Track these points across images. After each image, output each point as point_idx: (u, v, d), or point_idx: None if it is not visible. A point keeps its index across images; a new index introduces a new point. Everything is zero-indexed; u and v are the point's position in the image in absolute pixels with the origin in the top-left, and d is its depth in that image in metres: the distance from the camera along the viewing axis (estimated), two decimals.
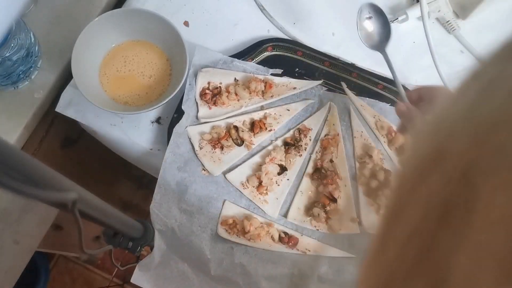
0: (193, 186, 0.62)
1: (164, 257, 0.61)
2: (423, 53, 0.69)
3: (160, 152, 0.65)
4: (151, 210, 0.61)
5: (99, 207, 0.39)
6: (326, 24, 0.73)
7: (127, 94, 0.65)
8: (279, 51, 0.69)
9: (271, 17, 0.72)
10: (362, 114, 0.68)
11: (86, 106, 0.65)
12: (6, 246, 0.73)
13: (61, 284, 1.46)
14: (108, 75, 0.65)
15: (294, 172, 0.64)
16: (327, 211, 0.61)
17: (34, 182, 0.27)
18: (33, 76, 0.64)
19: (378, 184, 0.64)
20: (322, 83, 0.69)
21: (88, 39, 0.61)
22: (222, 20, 0.71)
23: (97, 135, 0.68)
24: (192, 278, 0.61)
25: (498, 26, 0.75)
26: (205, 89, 0.65)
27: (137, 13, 0.64)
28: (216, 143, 0.63)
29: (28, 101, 0.64)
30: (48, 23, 0.67)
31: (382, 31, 0.64)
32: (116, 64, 0.66)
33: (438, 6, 0.71)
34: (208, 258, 0.60)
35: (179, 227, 0.61)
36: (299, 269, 0.60)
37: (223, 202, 0.63)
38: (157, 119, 0.66)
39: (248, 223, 0.60)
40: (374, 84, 0.69)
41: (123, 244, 0.53)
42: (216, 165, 0.63)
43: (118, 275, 1.47)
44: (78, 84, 0.59)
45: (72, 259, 1.48)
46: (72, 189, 0.31)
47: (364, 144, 0.67)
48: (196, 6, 0.72)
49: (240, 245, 0.61)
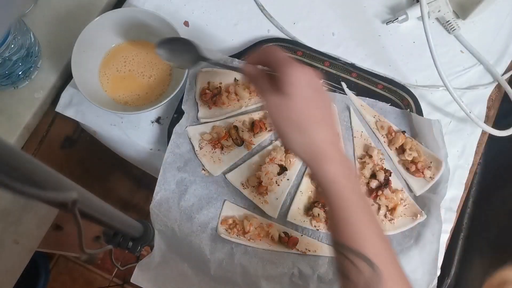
0: (193, 186, 0.62)
1: (164, 257, 0.61)
2: (423, 53, 0.69)
3: (160, 152, 0.65)
4: (151, 210, 0.61)
5: (99, 207, 0.39)
6: (326, 24, 0.73)
7: (127, 94, 0.65)
8: None
9: (271, 17, 0.72)
10: (362, 114, 0.68)
11: (86, 106, 0.65)
12: (6, 246, 0.73)
13: (61, 284, 1.46)
14: (108, 75, 0.65)
15: (294, 172, 0.64)
16: (327, 211, 0.61)
17: (34, 182, 0.27)
18: (33, 76, 0.64)
19: (378, 184, 0.64)
20: (322, 83, 0.69)
21: (88, 39, 0.61)
22: (222, 20, 0.71)
23: (97, 135, 0.68)
24: (192, 278, 0.61)
25: (498, 26, 0.75)
26: (205, 89, 0.65)
27: (137, 13, 0.64)
28: (216, 143, 0.63)
29: (28, 101, 0.64)
30: (48, 23, 0.67)
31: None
32: (116, 64, 0.66)
33: (438, 6, 0.71)
34: (208, 258, 0.60)
35: (179, 227, 0.61)
36: (299, 269, 0.60)
37: (223, 202, 0.63)
38: (157, 119, 0.66)
39: (248, 223, 0.60)
40: (374, 84, 0.69)
41: (123, 244, 0.53)
42: (216, 165, 0.63)
43: (118, 275, 1.47)
44: (78, 84, 0.59)
45: (72, 259, 1.48)
46: (72, 189, 0.31)
47: (364, 144, 0.67)
48: (196, 6, 0.72)
49: (240, 245, 0.61)
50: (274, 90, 0.45)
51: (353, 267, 0.42)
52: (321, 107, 0.45)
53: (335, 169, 0.44)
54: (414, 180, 0.65)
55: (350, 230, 0.43)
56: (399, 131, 0.66)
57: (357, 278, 0.41)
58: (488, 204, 0.77)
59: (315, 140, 0.44)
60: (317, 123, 0.44)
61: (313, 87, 0.45)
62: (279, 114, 0.44)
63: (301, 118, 0.44)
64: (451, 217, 0.67)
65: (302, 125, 0.44)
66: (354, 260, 0.42)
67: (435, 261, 0.62)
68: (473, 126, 0.69)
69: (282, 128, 0.45)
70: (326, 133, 0.45)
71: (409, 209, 0.63)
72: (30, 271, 1.23)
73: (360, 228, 0.43)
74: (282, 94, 0.44)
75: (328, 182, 0.44)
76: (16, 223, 0.72)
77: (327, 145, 0.44)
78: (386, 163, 0.66)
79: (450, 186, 0.65)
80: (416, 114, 0.67)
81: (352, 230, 0.43)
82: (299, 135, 0.44)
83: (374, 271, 0.41)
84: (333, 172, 0.44)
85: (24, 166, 0.27)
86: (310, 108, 0.44)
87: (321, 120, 0.45)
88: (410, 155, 0.64)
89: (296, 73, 0.44)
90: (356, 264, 0.42)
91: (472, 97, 0.71)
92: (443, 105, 0.71)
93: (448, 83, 0.64)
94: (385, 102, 0.68)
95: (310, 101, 0.44)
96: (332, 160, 0.44)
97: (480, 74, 0.73)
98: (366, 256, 0.41)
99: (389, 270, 0.43)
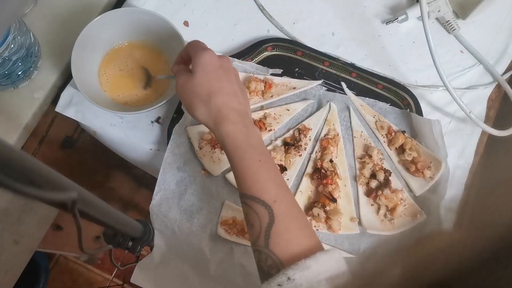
0: (193, 186, 0.63)
1: (164, 257, 0.61)
2: (423, 53, 0.69)
3: (160, 152, 0.65)
4: (151, 210, 0.61)
5: (99, 207, 0.39)
6: (326, 24, 0.73)
7: (127, 94, 0.65)
8: (279, 51, 0.69)
9: (271, 17, 0.72)
10: (362, 114, 0.68)
11: (86, 106, 0.65)
12: (6, 246, 0.73)
13: (61, 284, 1.46)
14: (107, 75, 0.65)
15: (293, 172, 0.64)
16: (327, 211, 0.61)
17: (34, 182, 0.27)
18: (33, 76, 0.64)
19: (378, 184, 0.64)
20: (322, 83, 0.69)
21: (88, 39, 0.61)
22: (222, 20, 0.71)
23: (97, 135, 0.68)
24: (192, 278, 0.61)
25: (498, 26, 0.75)
26: None
27: (137, 13, 0.64)
28: (216, 143, 0.63)
29: (28, 101, 0.64)
30: (48, 23, 0.67)
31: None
32: (116, 64, 0.66)
33: (438, 6, 0.71)
34: (208, 258, 0.60)
35: (179, 227, 0.61)
36: None
37: (222, 202, 0.63)
38: (157, 119, 0.66)
39: None
40: (374, 84, 0.69)
41: (123, 244, 0.53)
42: (216, 165, 0.63)
43: (118, 275, 1.47)
44: (78, 84, 0.59)
45: (72, 259, 1.48)
46: (72, 189, 0.31)
47: (364, 144, 0.67)
48: (196, 6, 0.72)
49: (240, 245, 0.61)
50: (185, 71, 0.53)
51: (254, 213, 0.46)
52: (222, 80, 0.51)
53: (232, 126, 0.49)
54: (414, 180, 0.65)
55: (250, 180, 0.47)
56: (399, 131, 0.66)
57: (258, 223, 0.46)
58: (488, 204, 0.77)
59: (215, 107, 0.50)
60: (217, 93, 0.50)
61: (216, 65, 0.51)
62: (185, 89, 0.51)
63: (203, 90, 0.50)
64: (451, 217, 0.67)
65: (204, 96, 0.50)
66: (254, 206, 0.46)
67: None
68: (473, 126, 0.69)
69: (188, 101, 0.51)
70: (229, 101, 0.50)
71: (409, 209, 0.63)
72: (30, 271, 1.23)
73: (258, 177, 0.47)
74: (190, 73, 0.51)
75: (224, 138, 0.49)
76: (16, 223, 0.72)
77: (226, 110, 0.50)
78: (386, 163, 0.66)
79: (450, 186, 0.65)
80: (416, 114, 0.67)
81: (251, 179, 0.47)
82: (202, 105, 0.50)
83: (270, 214, 0.45)
84: (229, 129, 0.49)
85: (24, 166, 0.26)
86: (212, 81, 0.50)
87: (224, 91, 0.51)
88: (410, 155, 0.64)
89: (201, 55, 0.51)
90: (256, 210, 0.46)
91: (472, 97, 0.71)
92: (443, 105, 0.71)
93: (448, 83, 0.64)
94: (385, 102, 0.68)
95: (211, 76, 0.50)
96: (229, 120, 0.49)
97: (480, 74, 0.73)
98: (265, 201, 0.46)
99: (285, 209, 0.47)
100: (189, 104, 0.51)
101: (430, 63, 0.65)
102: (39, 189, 0.27)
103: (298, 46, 0.69)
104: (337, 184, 0.63)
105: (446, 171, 0.63)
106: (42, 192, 0.27)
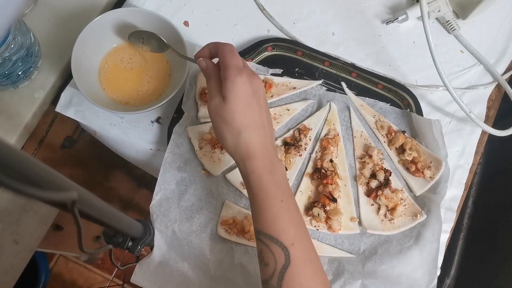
0: (193, 186, 0.62)
1: (164, 257, 0.61)
2: (423, 53, 0.69)
3: (160, 152, 0.65)
4: (151, 210, 0.61)
5: (99, 207, 0.39)
6: (326, 24, 0.73)
7: (127, 94, 0.65)
8: (279, 51, 0.69)
9: (271, 17, 0.72)
10: (362, 114, 0.68)
11: (86, 106, 0.65)
12: (6, 246, 0.73)
13: (61, 284, 1.46)
14: (108, 75, 0.65)
15: (294, 172, 0.64)
16: (327, 211, 0.61)
17: (34, 182, 0.27)
18: (33, 76, 0.64)
19: (378, 184, 0.64)
20: (322, 83, 0.69)
21: (88, 39, 0.61)
22: (222, 20, 0.71)
23: (97, 135, 0.68)
24: (192, 278, 0.61)
25: (498, 26, 0.75)
26: (205, 89, 0.65)
27: (137, 13, 0.64)
28: (216, 143, 0.63)
29: (28, 101, 0.64)
30: (48, 23, 0.67)
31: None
32: (116, 64, 0.66)
33: (438, 6, 0.71)
34: (208, 258, 0.60)
35: (179, 227, 0.61)
36: None
37: (223, 202, 0.63)
38: (157, 119, 0.66)
39: (248, 223, 0.60)
40: (374, 84, 0.69)
41: (123, 244, 0.53)
42: (216, 165, 0.63)
43: (118, 275, 1.47)
44: (78, 84, 0.59)
45: (72, 259, 1.48)
46: (72, 189, 0.31)
47: (364, 144, 0.67)
48: (196, 6, 0.72)
49: (240, 245, 0.61)
50: (219, 92, 0.50)
51: (270, 253, 0.46)
52: (254, 113, 0.49)
53: (258, 163, 0.48)
54: (414, 180, 0.65)
55: (270, 219, 0.47)
56: (399, 131, 0.66)
57: (273, 263, 0.45)
58: (488, 204, 0.77)
59: (245, 143, 0.48)
60: (246, 128, 0.48)
61: (249, 93, 0.49)
62: (217, 114, 0.49)
63: (235, 122, 0.48)
64: (451, 217, 0.67)
65: (235, 128, 0.48)
66: (271, 246, 0.46)
67: (435, 261, 0.62)
68: (473, 126, 0.69)
69: (218, 128, 0.50)
70: (257, 137, 0.49)
71: (409, 209, 0.63)
72: (30, 271, 1.23)
73: (278, 218, 0.47)
74: (223, 98, 0.49)
75: (249, 174, 0.48)
76: (16, 223, 0.72)
77: (253, 146, 0.48)
78: (386, 163, 0.66)
79: (450, 186, 0.65)
80: (416, 114, 0.67)
81: (272, 219, 0.47)
82: (232, 136, 0.49)
83: (287, 256, 0.45)
84: (254, 165, 0.48)
85: (24, 166, 0.26)
86: (245, 113, 0.48)
87: (253, 125, 0.49)
88: (410, 155, 0.64)
89: (234, 82, 0.48)
90: (272, 250, 0.46)
91: (472, 97, 0.71)
92: (443, 105, 0.71)
93: (448, 83, 0.64)
94: (385, 102, 0.68)
95: (245, 107, 0.48)
96: (256, 157, 0.48)
97: (480, 74, 0.73)
98: (283, 243, 0.45)
99: (302, 252, 0.46)
100: (219, 131, 0.50)
101: (430, 63, 0.65)
102: (39, 189, 0.27)
103: (298, 46, 0.69)
104: (337, 184, 0.63)
105: (446, 171, 0.63)
106: (42, 192, 0.27)
